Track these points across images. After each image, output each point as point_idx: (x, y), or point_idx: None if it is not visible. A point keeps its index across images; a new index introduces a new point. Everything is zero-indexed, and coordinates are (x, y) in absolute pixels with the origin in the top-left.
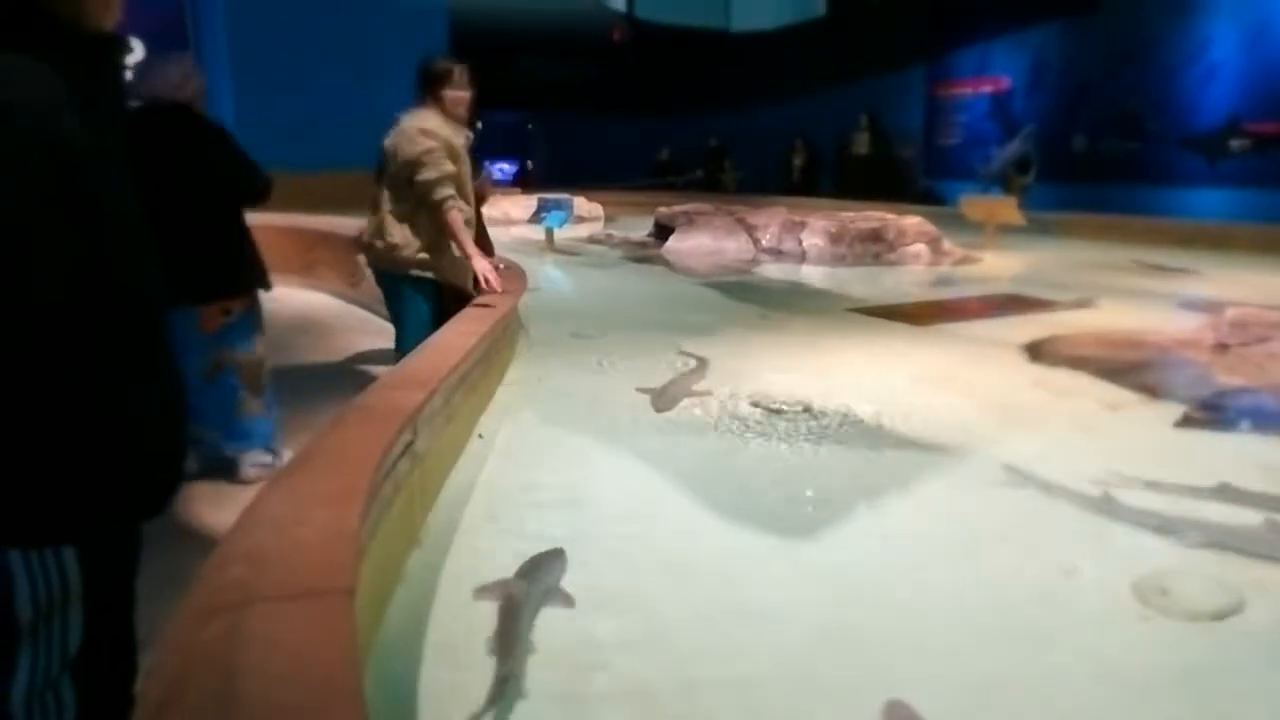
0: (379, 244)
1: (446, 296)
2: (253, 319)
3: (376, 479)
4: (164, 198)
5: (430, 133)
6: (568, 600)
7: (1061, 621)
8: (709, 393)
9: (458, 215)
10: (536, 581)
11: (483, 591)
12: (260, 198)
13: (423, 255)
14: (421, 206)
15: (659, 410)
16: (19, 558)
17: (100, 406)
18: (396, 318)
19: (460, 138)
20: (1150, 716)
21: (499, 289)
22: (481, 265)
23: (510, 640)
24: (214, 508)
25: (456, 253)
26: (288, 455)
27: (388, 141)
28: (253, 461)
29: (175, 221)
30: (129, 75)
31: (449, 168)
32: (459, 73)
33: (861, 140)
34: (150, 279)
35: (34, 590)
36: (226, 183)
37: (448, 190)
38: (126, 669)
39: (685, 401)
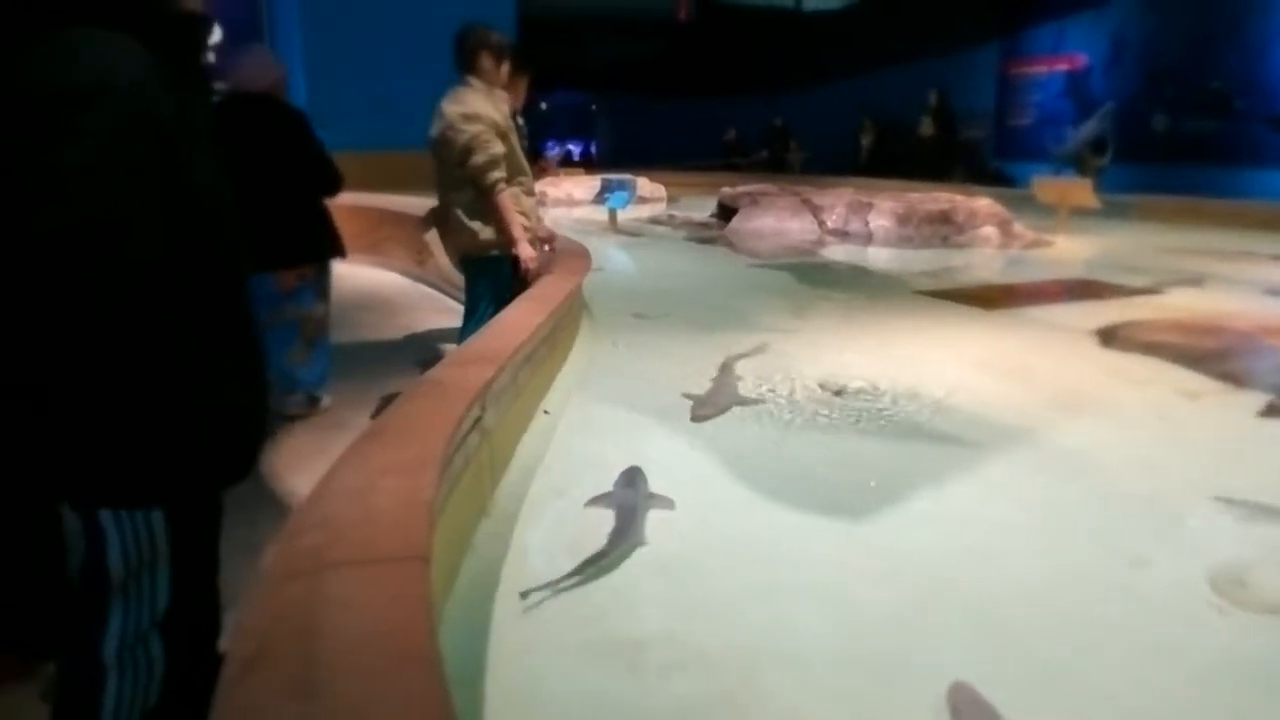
0: (456, 236)
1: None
2: (321, 283)
3: (448, 451)
4: (248, 178)
5: (473, 116)
6: (668, 503)
7: (1133, 612)
8: (760, 400)
9: (508, 199)
10: (638, 486)
11: (594, 501)
12: (334, 189)
13: (499, 236)
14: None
15: (696, 420)
16: (110, 517)
17: (189, 376)
18: (473, 298)
19: (505, 107)
20: (1225, 711)
21: (531, 279)
22: (525, 252)
23: (624, 529)
24: (285, 476)
25: (515, 233)
26: (327, 401)
27: (434, 131)
28: (292, 402)
29: (258, 199)
30: (210, 58)
31: (497, 149)
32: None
33: (926, 122)
34: (237, 254)
35: (124, 548)
36: (303, 164)
37: (498, 173)
38: (211, 628)
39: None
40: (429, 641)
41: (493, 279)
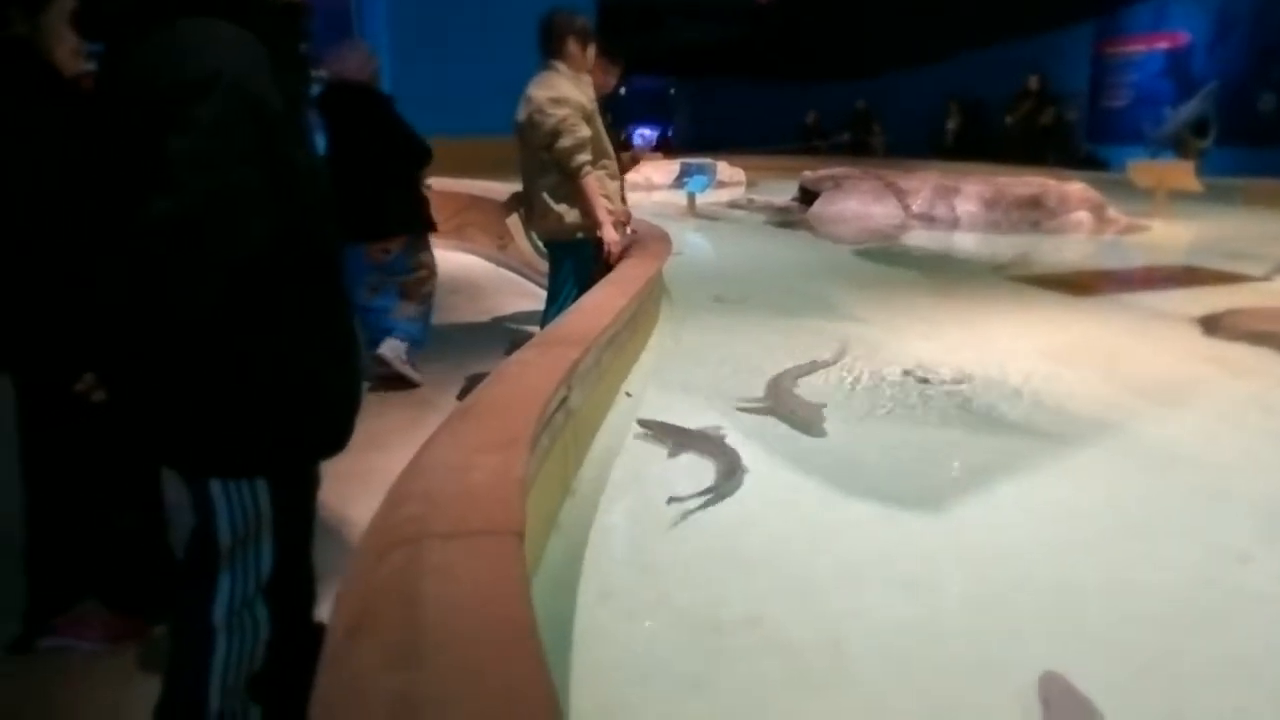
0: (541, 220)
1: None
2: (410, 253)
3: (536, 430)
4: (345, 160)
5: (561, 100)
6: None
7: (1235, 610)
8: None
9: (593, 182)
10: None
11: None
12: (425, 163)
13: (585, 219)
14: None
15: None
16: (219, 487)
17: (289, 354)
18: (557, 281)
19: (591, 91)
20: None
21: (614, 262)
22: (609, 235)
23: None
24: (375, 453)
25: (600, 216)
26: (418, 376)
27: (521, 116)
28: (390, 346)
29: (353, 180)
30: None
31: (584, 133)
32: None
33: (1050, 113)
34: (332, 237)
35: (232, 517)
36: (397, 146)
37: (584, 156)
38: (308, 596)
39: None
40: (526, 612)
41: (577, 261)
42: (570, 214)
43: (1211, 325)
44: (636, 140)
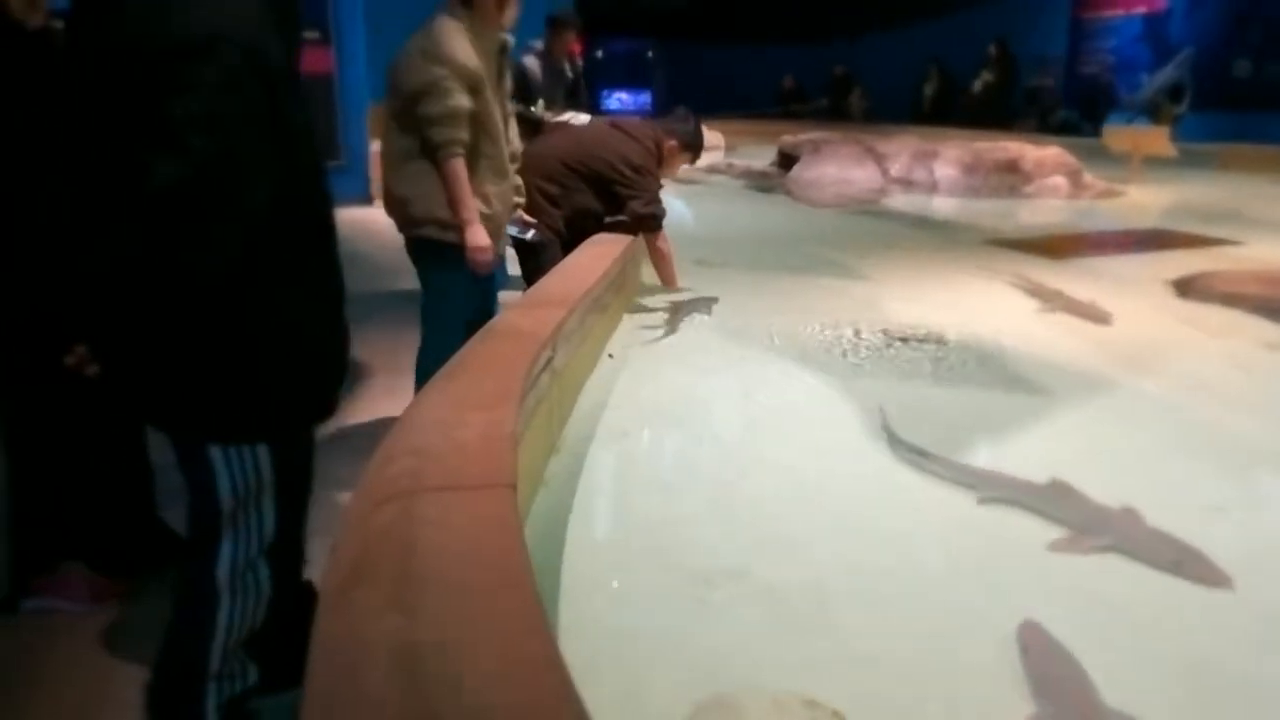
0: (390, 205)
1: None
2: None
3: (523, 389)
4: None
5: (440, 57)
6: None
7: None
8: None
9: (460, 167)
10: None
11: None
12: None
13: (442, 212)
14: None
15: None
16: (219, 452)
17: (292, 316)
18: (426, 296)
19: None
20: None
21: (480, 270)
22: (474, 238)
23: None
24: (357, 416)
25: (466, 214)
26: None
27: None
28: None
29: None
30: None
31: (458, 102)
32: None
33: (994, 74)
34: (325, 196)
35: (233, 481)
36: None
37: (452, 133)
38: (298, 557)
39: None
40: (521, 561)
41: (440, 271)
42: (420, 203)
43: (1185, 287)
44: (613, 104)
